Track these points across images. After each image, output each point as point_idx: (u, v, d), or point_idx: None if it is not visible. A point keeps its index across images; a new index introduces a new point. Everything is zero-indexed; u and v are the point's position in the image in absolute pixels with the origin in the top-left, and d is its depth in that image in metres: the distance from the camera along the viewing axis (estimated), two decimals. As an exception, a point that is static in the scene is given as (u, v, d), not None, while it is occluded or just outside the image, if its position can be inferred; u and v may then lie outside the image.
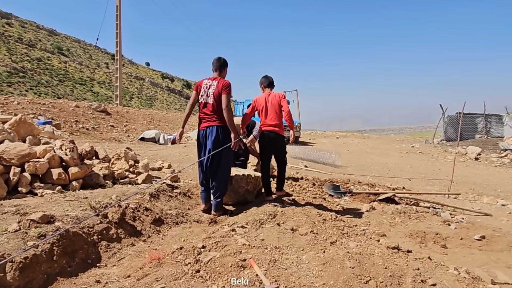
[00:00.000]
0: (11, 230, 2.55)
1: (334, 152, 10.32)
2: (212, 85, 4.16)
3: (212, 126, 4.15)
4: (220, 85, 4.11)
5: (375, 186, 6.68)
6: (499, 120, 18.97)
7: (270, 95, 4.55)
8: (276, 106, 4.48)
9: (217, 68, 4.28)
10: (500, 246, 3.54)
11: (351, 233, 3.55)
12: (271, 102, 4.49)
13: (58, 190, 3.94)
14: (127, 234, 3.32)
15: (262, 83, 4.72)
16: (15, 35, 63.40)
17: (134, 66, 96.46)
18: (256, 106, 4.60)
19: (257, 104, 4.60)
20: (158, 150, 11.09)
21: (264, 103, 4.52)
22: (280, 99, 4.50)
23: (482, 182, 9.00)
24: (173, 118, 24.74)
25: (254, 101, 4.65)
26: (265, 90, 4.67)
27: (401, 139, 21.81)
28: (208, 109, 4.17)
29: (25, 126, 4.55)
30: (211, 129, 4.16)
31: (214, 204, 4.37)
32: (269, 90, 4.62)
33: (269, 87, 4.66)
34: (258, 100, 4.61)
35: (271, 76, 4.73)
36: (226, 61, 4.34)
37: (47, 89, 50.41)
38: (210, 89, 4.16)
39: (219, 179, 4.28)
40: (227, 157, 4.29)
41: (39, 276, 2.33)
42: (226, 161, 4.28)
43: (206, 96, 4.18)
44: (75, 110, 15.89)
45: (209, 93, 4.16)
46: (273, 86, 4.69)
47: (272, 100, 4.49)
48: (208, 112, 4.16)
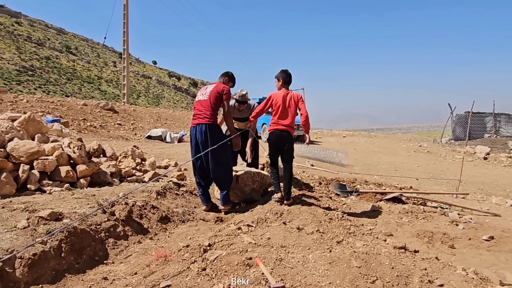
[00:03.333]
0: (20, 227, 2.58)
1: (340, 151, 10.27)
2: (211, 86, 4.38)
3: (202, 124, 4.19)
4: (219, 87, 4.30)
5: (382, 186, 6.63)
6: (508, 120, 18.69)
7: (289, 94, 4.37)
8: (293, 107, 4.33)
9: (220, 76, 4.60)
10: (509, 247, 3.49)
11: (357, 232, 3.53)
12: (289, 103, 4.33)
13: (66, 187, 3.98)
14: (134, 231, 3.34)
15: (280, 78, 4.47)
16: (24, 34, 64.15)
17: (141, 64, 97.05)
18: (271, 103, 4.43)
19: (274, 101, 4.41)
20: (165, 148, 11.14)
21: (281, 101, 4.33)
22: (298, 100, 4.35)
23: (491, 182, 8.89)
24: (179, 116, 24.83)
25: (271, 96, 4.44)
26: (283, 87, 4.46)
27: (408, 138, 21.62)
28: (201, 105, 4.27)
29: (34, 124, 4.60)
30: (200, 127, 4.20)
31: (221, 197, 4.40)
32: (286, 87, 4.44)
33: (287, 84, 4.47)
34: (275, 97, 4.41)
35: (290, 73, 4.51)
36: (227, 73, 4.63)
37: (55, 88, 50.97)
38: (208, 89, 4.34)
39: (222, 173, 4.30)
40: (225, 152, 4.33)
41: (47, 272, 2.36)
42: (224, 156, 4.35)
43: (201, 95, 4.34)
44: (83, 108, 16.03)
45: (206, 92, 4.31)
46: (290, 83, 4.52)
47: (290, 100, 4.33)
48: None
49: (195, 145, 4.28)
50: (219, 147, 4.08)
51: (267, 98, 4.47)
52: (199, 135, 4.17)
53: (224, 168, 4.33)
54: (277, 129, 4.35)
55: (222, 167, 4.28)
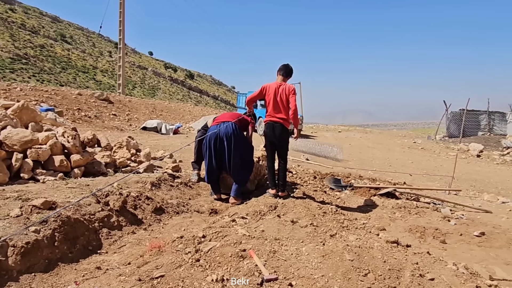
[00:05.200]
0: (13, 215, 2.57)
1: (336, 146, 10.28)
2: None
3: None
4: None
5: (376, 181, 6.67)
6: (502, 118, 18.84)
7: (281, 86, 4.33)
8: (284, 101, 4.30)
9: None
10: (499, 243, 3.54)
11: (351, 226, 3.56)
12: (280, 96, 4.29)
13: (60, 177, 3.96)
14: (128, 222, 3.34)
15: (279, 70, 4.48)
16: (18, 21, 63.06)
17: (137, 55, 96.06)
18: (264, 94, 4.42)
19: (266, 92, 4.39)
20: (160, 139, 11.10)
21: (273, 94, 4.32)
22: (289, 93, 4.28)
23: (483, 179, 8.98)
24: (175, 108, 24.70)
25: (264, 87, 4.42)
26: (281, 79, 4.44)
27: (403, 134, 21.73)
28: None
29: (27, 112, 4.55)
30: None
31: (234, 189, 4.52)
32: (282, 80, 4.41)
33: (284, 76, 4.44)
34: (267, 89, 4.39)
35: (291, 67, 4.49)
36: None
37: (49, 77, 50.33)
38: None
39: (243, 170, 4.61)
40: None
41: (40, 261, 2.36)
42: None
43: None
44: (77, 98, 15.88)
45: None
46: (289, 77, 4.50)
47: (281, 94, 4.29)
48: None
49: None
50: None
51: (260, 88, 4.43)
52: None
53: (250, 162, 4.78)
54: (271, 121, 4.35)
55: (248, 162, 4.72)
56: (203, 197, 4.77)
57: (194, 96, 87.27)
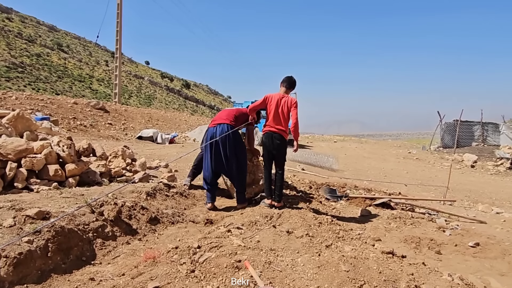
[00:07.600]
0: (6, 225, 2.54)
1: (331, 156, 10.33)
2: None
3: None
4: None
5: (372, 191, 6.69)
6: (495, 129, 19.07)
7: (283, 98, 4.39)
8: (286, 113, 4.36)
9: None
10: (494, 253, 3.55)
11: (346, 237, 3.56)
12: (281, 108, 4.35)
13: (55, 186, 3.93)
14: (123, 232, 3.31)
15: (283, 82, 4.53)
16: (15, 30, 63.20)
17: (133, 64, 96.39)
18: (266, 104, 4.47)
19: (268, 102, 4.44)
20: (156, 149, 11.07)
21: (275, 105, 4.37)
22: (291, 106, 4.35)
23: (477, 190, 9.04)
24: (171, 117, 24.71)
25: (266, 97, 4.47)
26: (282, 90, 4.50)
27: (398, 144, 21.88)
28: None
29: (23, 121, 4.54)
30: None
31: (238, 197, 4.65)
32: (285, 92, 4.47)
33: (287, 88, 4.51)
34: (270, 99, 4.44)
35: (294, 79, 4.55)
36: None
37: (45, 85, 50.21)
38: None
39: (240, 173, 4.63)
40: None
41: (33, 272, 2.32)
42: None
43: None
44: (73, 107, 15.84)
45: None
46: (292, 89, 4.56)
47: (283, 106, 4.35)
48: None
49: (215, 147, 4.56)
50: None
51: (263, 98, 4.50)
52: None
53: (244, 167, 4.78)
54: (269, 131, 4.40)
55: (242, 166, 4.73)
56: (198, 207, 4.74)
57: (191, 105, 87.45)
